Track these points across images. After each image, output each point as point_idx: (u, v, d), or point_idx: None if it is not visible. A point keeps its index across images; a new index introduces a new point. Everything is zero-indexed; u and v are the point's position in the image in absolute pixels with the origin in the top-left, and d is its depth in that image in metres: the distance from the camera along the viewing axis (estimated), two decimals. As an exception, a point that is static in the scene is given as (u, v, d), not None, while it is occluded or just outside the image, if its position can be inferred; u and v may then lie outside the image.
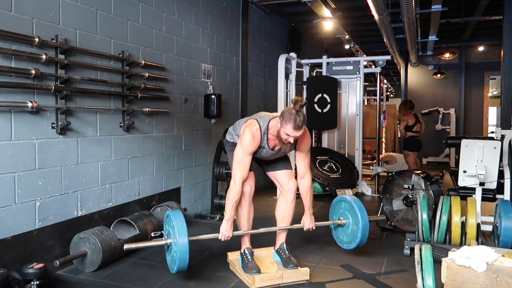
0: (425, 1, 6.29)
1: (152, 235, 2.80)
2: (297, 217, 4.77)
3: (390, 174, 4.55)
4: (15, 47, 2.72)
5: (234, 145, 2.95)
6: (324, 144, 6.63)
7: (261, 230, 2.98)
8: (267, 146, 2.85)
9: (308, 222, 3.07)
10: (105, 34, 3.47)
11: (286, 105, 6.18)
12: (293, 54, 6.26)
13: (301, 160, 2.99)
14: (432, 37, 8.11)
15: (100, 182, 3.46)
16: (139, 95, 3.77)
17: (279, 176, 3.06)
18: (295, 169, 3.18)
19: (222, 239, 2.82)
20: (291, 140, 2.69)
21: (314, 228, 3.09)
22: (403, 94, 11.38)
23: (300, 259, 3.21)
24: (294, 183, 3.04)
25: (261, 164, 3.11)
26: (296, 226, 3.10)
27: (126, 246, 2.66)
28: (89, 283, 2.89)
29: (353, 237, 3.14)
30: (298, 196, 3.06)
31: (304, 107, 2.68)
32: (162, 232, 2.85)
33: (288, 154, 3.12)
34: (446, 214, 3.32)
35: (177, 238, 2.59)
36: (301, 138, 2.86)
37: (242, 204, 2.99)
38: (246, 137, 2.77)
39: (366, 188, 6.35)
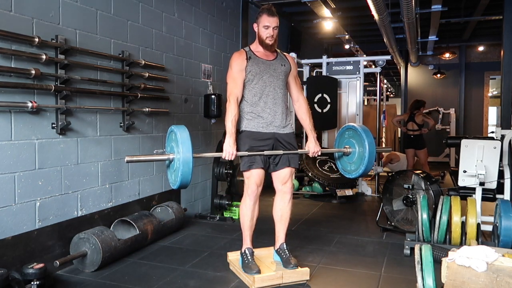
0: (425, 1, 6.29)
1: (155, 152, 2.75)
2: (297, 217, 4.80)
3: (390, 174, 4.54)
4: (15, 47, 2.72)
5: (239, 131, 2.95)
6: (324, 144, 6.63)
7: (266, 152, 2.87)
8: (256, 57, 2.93)
9: (313, 147, 3.01)
10: (105, 34, 3.47)
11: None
12: (293, 54, 6.24)
13: (293, 84, 3.08)
14: (432, 37, 8.11)
15: (100, 182, 3.46)
16: (139, 95, 3.77)
17: (280, 174, 2.99)
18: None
19: (227, 158, 2.77)
20: (271, 31, 2.87)
21: (319, 153, 3.02)
22: (403, 94, 11.39)
23: (300, 259, 3.21)
24: (290, 184, 3.01)
25: (269, 161, 2.98)
26: (301, 151, 3.05)
27: (128, 158, 2.56)
28: (89, 283, 2.89)
29: (360, 161, 2.99)
30: (295, 196, 3.04)
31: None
32: (164, 150, 2.76)
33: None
34: (446, 214, 3.32)
35: (181, 154, 2.49)
36: (286, 56, 3.09)
37: (247, 202, 2.95)
38: (232, 59, 2.95)
39: (366, 188, 6.35)
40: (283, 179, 2.99)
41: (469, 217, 3.26)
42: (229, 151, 2.77)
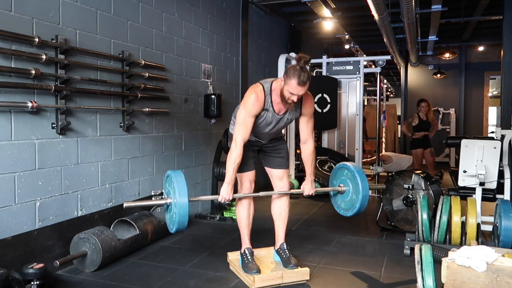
0: (425, 1, 6.29)
1: (152, 193, 2.76)
2: (297, 217, 4.80)
3: (390, 174, 4.54)
4: (15, 47, 2.72)
5: None
6: (324, 144, 6.63)
7: (261, 193, 2.94)
8: (271, 109, 2.78)
9: (308, 188, 3.01)
10: (105, 34, 3.47)
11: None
12: (293, 54, 6.25)
13: (304, 125, 2.94)
14: (432, 37, 8.11)
15: (100, 182, 3.46)
16: (139, 95, 3.77)
17: (274, 173, 3.07)
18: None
19: (222, 201, 2.77)
20: (295, 98, 2.63)
21: (314, 194, 3.03)
22: (403, 94, 11.39)
23: (300, 259, 3.21)
24: (287, 181, 3.07)
25: (262, 155, 3.09)
26: (296, 191, 3.10)
27: (126, 204, 2.59)
28: (89, 283, 2.89)
29: (351, 205, 3.04)
30: (292, 196, 3.06)
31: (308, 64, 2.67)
32: (162, 191, 2.77)
33: (287, 152, 3.12)
34: (446, 214, 3.32)
35: (177, 199, 2.52)
36: (305, 100, 2.82)
37: (242, 201, 3.00)
38: (249, 98, 2.71)
39: (366, 188, 6.33)
40: (278, 176, 3.06)
41: (469, 217, 3.26)
42: (225, 197, 2.76)
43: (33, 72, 2.76)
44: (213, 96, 4.87)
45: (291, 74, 2.57)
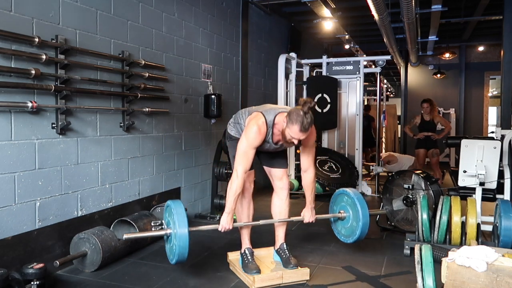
0: (425, 1, 6.29)
1: (152, 224, 2.77)
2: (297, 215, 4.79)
3: (390, 174, 4.54)
4: (15, 47, 2.72)
5: (236, 139, 2.91)
6: (324, 144, 6.63)
7: (261, 222, 2.97)
8: (271, 141, 2.81)
9: (308, 216, 3.02)
10: (105, 34, 3.47)
11: (286, 105, 6.18)
12: (293, 54, 6.26)
13: (305, 155, 2.94)
14: (432, 37, 8.11)
15: (100, 182, 3.45)
16: (139, 95, 3.77)
17: (273, 173, 3.09)
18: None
19: (222, 231, 2.78)
20: (295, 141, 2.64)
21: (314, 221, 3.04)
22: (403, 94, 11.39)
23: (300, 259, 3.21)
24: (286, 180, 3.08)
25: (260, 155, 3.10)
26: (296, 218, 3.09)
27: (125, 236, 2.63)
28: (89, 283, 2.89)
29: (351, 232, 3.10)
30: (292, 196, 3.06)
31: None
32: (162, 221, 2.79)
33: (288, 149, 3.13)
34: (446, 214, 3.32)
35: (177, 230, 2.53)
36: (309, 135, 2.80)
37: (242, 201, 3.01)
38: (252, 130, 2.71)
39: (366, 188, 6.35)
40: (278, 176, 3.07)
41: (469, 217, 3.26)
42: (225, 226, 2.78)
43: (33, 72, 2.76)
44: (213, 96, 4.87)
45: (294, 119, 2.55)
